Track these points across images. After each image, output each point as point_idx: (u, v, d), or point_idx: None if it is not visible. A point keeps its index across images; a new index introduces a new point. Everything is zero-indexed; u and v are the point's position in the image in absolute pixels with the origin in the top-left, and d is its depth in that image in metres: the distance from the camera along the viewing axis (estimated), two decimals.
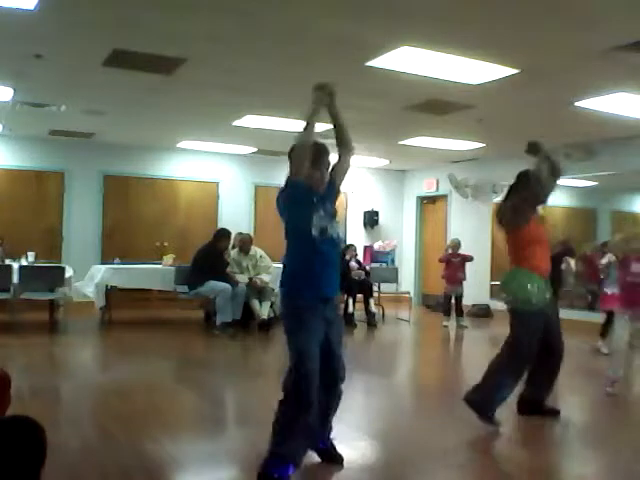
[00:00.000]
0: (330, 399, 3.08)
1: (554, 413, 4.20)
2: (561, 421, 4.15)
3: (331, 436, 3.20)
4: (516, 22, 4.33)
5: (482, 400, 3.95)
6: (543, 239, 4.06)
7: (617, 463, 3.42)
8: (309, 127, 2.90)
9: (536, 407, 4.20)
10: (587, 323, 7.52)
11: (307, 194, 2.93)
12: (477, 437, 3.93)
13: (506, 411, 4.19)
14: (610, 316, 6.00)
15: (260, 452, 2.92)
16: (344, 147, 3.11)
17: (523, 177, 4.09)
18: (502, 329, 4.32)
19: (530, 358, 4.00)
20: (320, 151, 2.97)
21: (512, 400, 4.10)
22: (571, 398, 5.02)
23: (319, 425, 3.07)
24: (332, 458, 3.18)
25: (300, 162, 2.88)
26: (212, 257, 7.73)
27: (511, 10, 4.12)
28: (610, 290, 6.03)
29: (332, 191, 3.07)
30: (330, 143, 3.05)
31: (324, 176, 3.00)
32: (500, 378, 3.98)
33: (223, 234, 7.92)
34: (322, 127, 3.05)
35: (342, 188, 3.19)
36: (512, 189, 4.14)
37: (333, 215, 3.03)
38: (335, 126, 3.09)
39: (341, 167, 3.12)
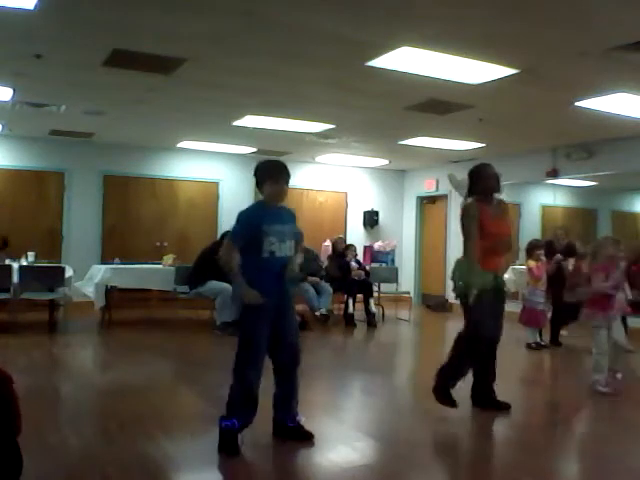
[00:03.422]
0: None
1: (505, 407, 4.22)
2: (561, 422, 4.15)
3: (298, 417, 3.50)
4: (516, 22, 4.33)
5: (437, 384, 4.15)
6: (491, 234, 4.14)
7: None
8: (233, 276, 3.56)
9: (487, 399, 4.24)
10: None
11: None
12: (477, 437, 3.93)
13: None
14: None
15: (260, 450, 2.92)
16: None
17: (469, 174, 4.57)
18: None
19: (485, 338, 4.10)
20: (280, 167, 3.45)
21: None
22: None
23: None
24: (301, 436, 3.47)
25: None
26: (215, 257, 7.71)
27: (511, 10, 4.12)
28: None
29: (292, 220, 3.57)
30: (329, 143, 3.07)
31: (283, 190, 3.45)
32: (458, 361, 4.15)
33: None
34: (322, 127, 3.05)
35: (341, 188, 3.27)
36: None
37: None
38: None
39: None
